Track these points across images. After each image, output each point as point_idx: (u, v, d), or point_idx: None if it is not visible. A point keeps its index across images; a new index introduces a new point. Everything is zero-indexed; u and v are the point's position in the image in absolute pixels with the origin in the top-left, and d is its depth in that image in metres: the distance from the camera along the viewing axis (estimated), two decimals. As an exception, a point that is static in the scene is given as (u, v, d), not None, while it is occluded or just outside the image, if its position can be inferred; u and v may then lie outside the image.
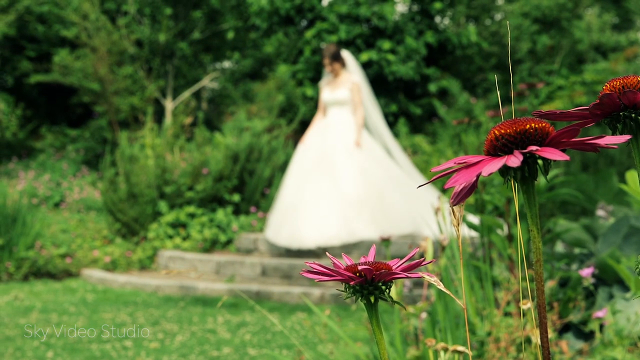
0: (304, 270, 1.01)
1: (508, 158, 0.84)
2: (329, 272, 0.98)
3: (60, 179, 13.38)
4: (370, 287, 0.98)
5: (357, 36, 13.19)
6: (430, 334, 2.93)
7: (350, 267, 0.98)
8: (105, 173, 9.85)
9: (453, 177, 0.88)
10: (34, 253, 8.99)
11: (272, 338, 5.81)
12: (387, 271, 0.97)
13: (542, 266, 0.86)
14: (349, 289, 0.99)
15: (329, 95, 8.53)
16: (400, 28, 13.53)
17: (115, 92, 14.70)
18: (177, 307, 7.11)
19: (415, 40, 13.40)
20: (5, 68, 16.29)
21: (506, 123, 0.87)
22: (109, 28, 14.72)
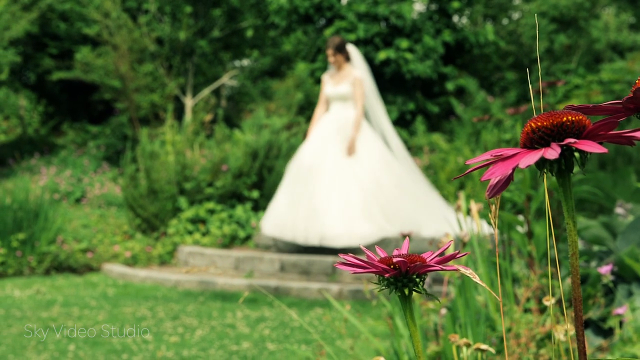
0: (339, 262, 0.99)
1: (545, 150, 0.83)
2: (364, 264, 0.97)
3: (81, 175, 13.45)
4: (405, 279, 0.97)
5: (375, 35, 13.19)
6: (451, 330, 2.92)
7: (385, 260, 0.97)
8: (126, 169, 9.91)
9: (489, 169, 0.87)
10: (56, 248, 9.04)
11: (290, 333, 5.84)
12: (422, 264, 0.96)
13: (578, 259, 0.86)
14: (383, 281, 0.98)
15: (331, 89, 8.41)
16: (418, 27, 13.53)
17: (136, 89, 14.77)
18: (197, 302, 7.13)
19: (433, 39, 13.39)
20: (28, 65, 16.38)
21: (542, 116, 0.86)
22: (130, 26, 14.78)
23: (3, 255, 8.84)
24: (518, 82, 14.50)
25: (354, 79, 8.28)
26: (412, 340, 1.01)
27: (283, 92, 16.73)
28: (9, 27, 13.65)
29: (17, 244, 8.90)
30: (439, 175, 10.62)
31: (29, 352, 5.25)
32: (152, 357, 5.11)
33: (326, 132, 8.33)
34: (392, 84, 13.55)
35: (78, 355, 5.19)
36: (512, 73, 14.81)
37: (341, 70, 8.41)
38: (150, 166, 9.70)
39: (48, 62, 16.06)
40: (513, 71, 15.00)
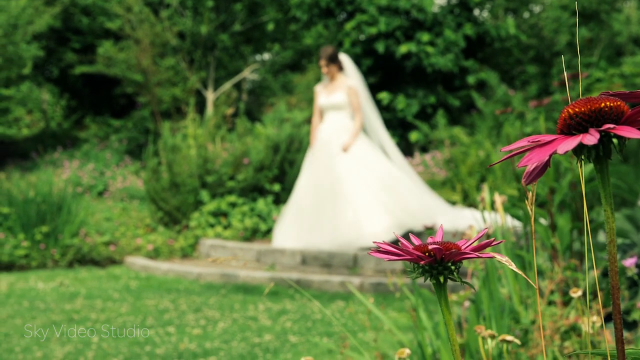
0: (373, 250, 0.98)
1: (584, 136, 0.82)
2: (399, 252, 0.96)
3: (103, 169, 13.50)
4: (440, 267, 0.96)
5: (397, 28, 13.17)
6: (475, 322, 2.88)
7: (420, 247, 0.97)
8: (148, 163, 9.95)
9: (526, 156, 0.86)
10: (79, 240, 9.09)
11: (312, 326, 5.84)
12: (458, 251, 0.95)
13: (616, 247, 0.85)
14: (418, 269, 0.98)
15: (325, 100, 8.35)
16: (439, 20, 13.50)
17: (158, 83, 14.81)
18: (219, 295, 7.15)
19: (454, 33, 13.36)
20: (51, 59, 16.45)
21: (580, 102, 0.85)
22: (152, 20, 14.82)
23: (27, 248, 8.89)
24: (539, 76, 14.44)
25: (348, 88, 8.23)
26: (447, 328, 1.00)
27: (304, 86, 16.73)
28: (33, 22, 13.71)
29: (41, 237, 8.96)
30: (460, 169, 10.59)
31: (53, 344, 5.28)
32: (175, 349, 5.12)
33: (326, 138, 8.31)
34: (413, 78, 13.53)
35: (101, 347, 5.21)
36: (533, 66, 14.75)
37: (334, 80, 8.35)
38: (172, 160, 9.74)
39: (71, 57, 16.11)
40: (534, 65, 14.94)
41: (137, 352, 5.08)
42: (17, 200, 9.10)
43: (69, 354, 5.04)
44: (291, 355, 4.99)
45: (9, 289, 7.51)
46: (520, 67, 15.09)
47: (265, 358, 4.96)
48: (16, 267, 8.83)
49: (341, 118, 8.30)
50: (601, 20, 14.92)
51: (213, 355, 5.00)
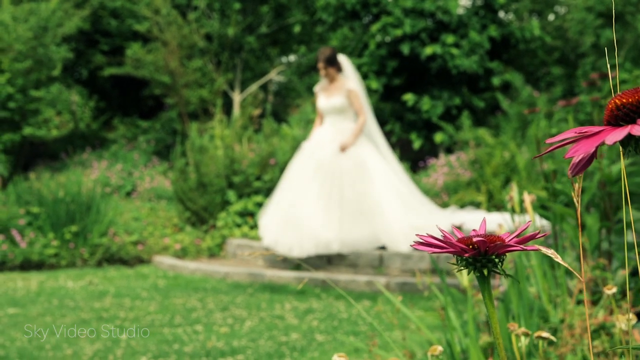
0: (415, 242, 0.97)
1: (632, 127, 0.81)
2: (442, 244, 0.95)
3: (131, 169, 13.55)
4: (484, 259, 0.95)
5: (422, 30, 13.16)
6: (504, 321, 2.88)
7: (464, 239, 0.95)
8: (175, 163, 9.99)
9: (573, 147, 0.86)
10: (107, 240, 9.14)
11: (338, 325, 5.83)
12: (502, 243, 0.94)
13: None
14: (461, 261, 0.97)
15: (324, 102, 8.21)
16: (464, 22, 13.46)
17: (185, 84, 14.87)
18: (246, 294, 7.16)
19: (479, 34, 13.32)
20: (80, 61, 16.54)
21: (627, 92, 0.83)
22: (180, 22, 14.89)
23: (56, 247, 8.95)
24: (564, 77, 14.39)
25: (347, 90, 8.08)
26: (491, 322, 1.00)
27: (329, 88, 16.68)
28: (62, 24, 13.80)
29: (70, 236, 9.02)
30: (485, 170, 10.56)
31: (83, 342, 5.30)
32: (202, 347, 5.13)
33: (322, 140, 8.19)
34: (438, 79, 13.51)
35: (130, 344, 5.24)
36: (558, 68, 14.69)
37: (334, 82, 8.22)
38: (200, 160, 9.79)
39: (99, 59, 16.20)
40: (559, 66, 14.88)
41: (166, 350, 5.09)
42: (47, 200, 9.17)
43: (99, 351, 5.06)
44: (318, 354, 4.98)
45: (39, 287, 7.55)
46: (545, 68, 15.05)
47: (292, 356, 4.96)
48: (46, 266, 8.88)
49: (341, 121, 8.17)
50: (626, 21, 14.86)
51: (240, 353, 5.00)
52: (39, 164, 14.25)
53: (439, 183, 11.25)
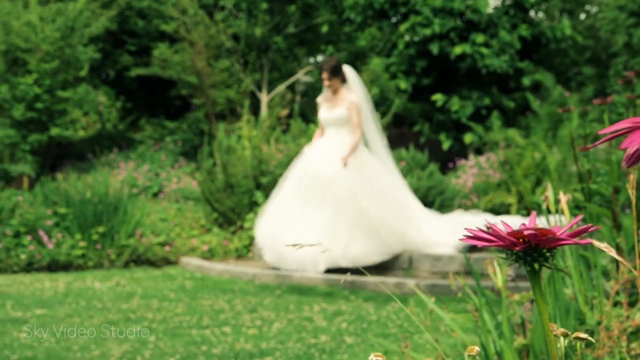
0: (464, 236, 0.95)
1: None
2: (491, 237, 0.92)
3: (158, 170, 13.57)
4: (535, 253, 0.92)
5: (451, 29, 13.07)
6: (539, 323, 2.86)
7: (514, 233, 0.92)
8: (203, 164, 9.98)
9: (628, 138, 0.83)
10: (135, 241, 9.15)
11: (368, 327, 5.80)
12: (554, 237, 0.91)
13: None
14: (511, 256, 0.94)
15: (326, 114, 8.01)
16: (494, 21, 13.37)
17: (212, 85, 14.86)
18: (274, 295, 7.14)
19: (509, 34, 13.22)
20: (107, 62, 16.60)
21: None
22: (207, 22, 14.87)
23: (84, 248, 8.97)
24: (595, 77, 14.26)
25: (350, 103, 7.86)
26: (541, 318, 0.97)
27: (357, 88, 16.61)
28: (89, 25, 13.84)
29: (97, 237, 9.03)
30: (515, 171, 10.48)
31: (110, 343, 5.29)
32: (231, 349, 5.11)
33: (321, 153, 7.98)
34: (468, 79, 13.42)
35: (158, 346, 5.22)
36: (589, 68, 14.56)
37: (337, 93, 8.01)
38: (227, 161, 9.76)
39: (126, 59, 16.24)
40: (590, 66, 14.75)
41: (194, 352, 5.07)
42: (74, 200, 9.18)
43: (126, 352, 5.05)
44: (347, 356, 4.96)
45: (66, 288, 7.56)
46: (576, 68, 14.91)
47: (322, 359, 4.94)
48: (73, 267, 8.90)
49: (342, 135, 7.95)
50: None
51: (269, 355, 4.98)
52: (66, 165, 14.30)
53: (469, 184, 11.17)
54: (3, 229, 8.78)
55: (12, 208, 9.16)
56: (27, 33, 12.86)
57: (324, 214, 7.66)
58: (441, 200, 10.08)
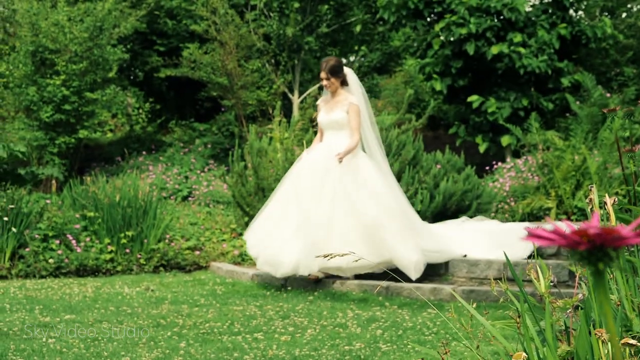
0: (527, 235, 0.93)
1: None
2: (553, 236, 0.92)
3: (188, 173, 13.54)
4: (599, 253, 0.92)
5: (488, 29, 12.87)
6: (585, 329, 2.68)
7: (578, 232, 0.92)
8: (233, 167, 9.89)
9: None
10: (164, 245, 9.11)
11: (403, 334, 5.71)
12: (619, 236, 0.90)
13: None
14: (574, 255, 0.93)
15: (324, 117, 7.79)
16: (532, 20, 13.18)
17: (243, 86, 14.78)
18: (306, 301, 7.11)
19: (548, 33, 13.02)
20: (136, 63, 16.58)
21: None
22: (238, 22, 14.80)
23: (112, 252, 8.93)
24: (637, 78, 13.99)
25: (349, 105, 7.66)
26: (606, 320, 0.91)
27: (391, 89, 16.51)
28: (118, 25, 13.82)
29: (126, 241, 9.00)
30: (554, 174, 10.30)
31: (140, 349, 5.26)
32: (263, 356, 5.05)
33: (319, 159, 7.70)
34: (505, 80, 13.22)
35: (189, 352, 5.17)
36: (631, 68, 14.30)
37: (336, 95, 7.81)
38: (259, 163, 9.64)
39: (155, 60, 16.21)
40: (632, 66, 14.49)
41: (226, 358, 5.03)
42: (103, 204, 9.15)
43: (157, 358, 5.02)
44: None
45: (95, 293, 7.57)
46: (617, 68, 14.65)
47: (357, 366, 4.84)
48: (101, 271, 8.90)
49: (341, 138, 7.72)
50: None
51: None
52: (94, 168, 14.27)
53: (506, 188, 11.00)
54: (31, 232, 8.73)
55: (40, 212, 9.14)
56: (55, 33, 12.85)
57: (319, 217, 7.42)
58: (477, 205, 9.93)
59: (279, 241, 7.42)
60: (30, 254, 8.62)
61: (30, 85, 12.98)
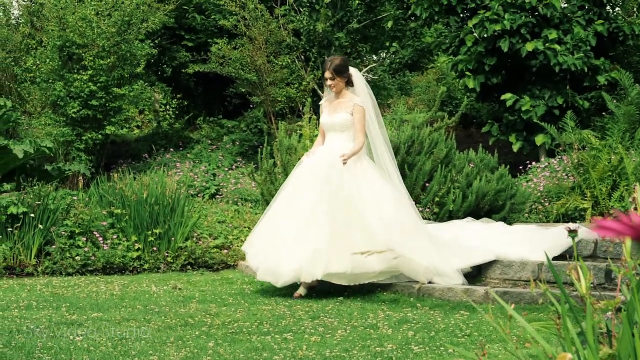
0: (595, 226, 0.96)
1: None
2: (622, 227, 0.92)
3: (216, 170, 13.47)
4: None
5: (522, 25, 12.70)
6: (628, 331, 2.63)
7: None
8: (262, 164, 9.80)
9: None
10: (191, 243, 9.05)
11: (435, 335, 5.67)
12: None
13: None
14: None
15: (327, 118, 7.53)
16: (568, 17, 12.99)
17: (272, 82, 14.71)
18: (336, 301, 7.05)
19: (584, 30, 12.82)
20: (163, 58, 16.55)
21: None
22: (267, 17, 14.76)
23: (139, 250, 8.87)
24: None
25: (354, 106, 7.41)
26: None
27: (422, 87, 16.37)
28: (146, 19, 13.78)
29: (153, 239, 8.94)
30: (590, 174, 10.11)
31: (168, 348, 5.24)
32: (292, 356, 5.02)
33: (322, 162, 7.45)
34: (539, 78, 13.04)
35: (218, 352, 5.14)
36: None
37: (341, 96, 7.55)
38: (288, 161, 9.54)
39: (183, 55, 16.18)
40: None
41: (255, 358, 5.00)
42: (130, 201, 9.09)
43: (185, 358, 5.01)
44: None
45: (122, 291, 7.56)
46: (656, 66, 14.40)
47: (390, 368, 4.83)
48: (128, 269, 8.85)
49: (344, 141, 7.47)
50: None
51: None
52: (121, 164, 14.24)
53: (540, 188, 10.82)
54: (57, 229, 8.67)
55: (67, 208, 9.11)
56: (83, 28, 12.84)
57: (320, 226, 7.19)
58: (511, 205, 9.79)
59: (279, 250, 7.22)
60: (56, 251, 8.57)
61: (57, 81, 12.98)
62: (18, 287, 7.64)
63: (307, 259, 7.05)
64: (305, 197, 7.31)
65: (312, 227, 7.18)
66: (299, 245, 7.12)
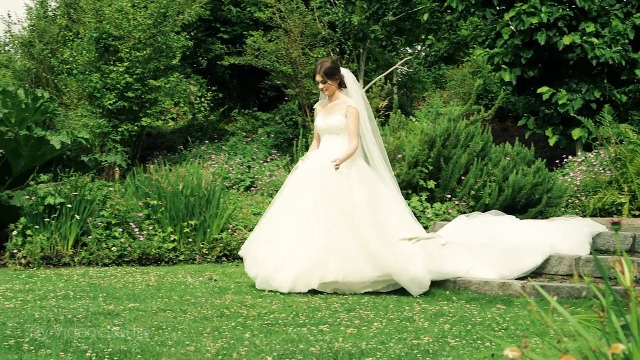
0: None
1: None
2: None
3: (251, 162, 13.47)
4: None
5: (559, 18, 12.57)
6: None
7: None
8: (297, 157, 9.80)
9: None
10: (227, 235, 9.05)
11: (472, 329, 5.65)
12: None
13: None
14: None
15: (321, 121, 7.47)
16: (605, 10, 12.85)
17: (307, 74, 14.68)
18: (371, 294, 7.05)
19: (622, 23, 12.68)
20: (199, 50, 16.58)
21: None
22: (302, 10, 14.75)
23: (175, 241, 8.89)
24: None
25: (347, 108, 7.34)
26: None
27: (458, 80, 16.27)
28: (182, 12, 13.81)
29: (189, 231, 8.95)
30: (628, 168, 10.00)
31: (205, 339, 5.25)
32: (329, 349, 5.00)
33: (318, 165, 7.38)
34: (576, 71, 12.92)
35: (254, 343, 5.14)
36: None
37: (334, 98, 7.48)
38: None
39: (219, 47, 16.17)
40: None
41: (291, 350, 4.98)
42: (166, 192, 9.12)
43: (222, 349, 4.99)
44: (452, 359, 4.84)
45: (158, 282, 7.58)
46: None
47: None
48: (164, 260, 8.87)
49: (339, 144, 7.40)
50: None
51: (370, 356, 4.85)
52: (156, 156, 14.29)
53: (577, 182, 10.73)
54: (94, 220, 8.71)
55: (103, 199, 9.17)
56: (119, 20, 12.89)
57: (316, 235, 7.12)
58: (548, 199, 9.71)
59: (275, 260, 7.16)
60: (93, 241, 8.62)
61: (93, 72, 13.03)
62: (55, 277, 7.69)
63: (303, 269, 7.00)
64: (301, 205, 7.25)
65: (307, 237, 7.12)
66: (294, 256, 7.05)
